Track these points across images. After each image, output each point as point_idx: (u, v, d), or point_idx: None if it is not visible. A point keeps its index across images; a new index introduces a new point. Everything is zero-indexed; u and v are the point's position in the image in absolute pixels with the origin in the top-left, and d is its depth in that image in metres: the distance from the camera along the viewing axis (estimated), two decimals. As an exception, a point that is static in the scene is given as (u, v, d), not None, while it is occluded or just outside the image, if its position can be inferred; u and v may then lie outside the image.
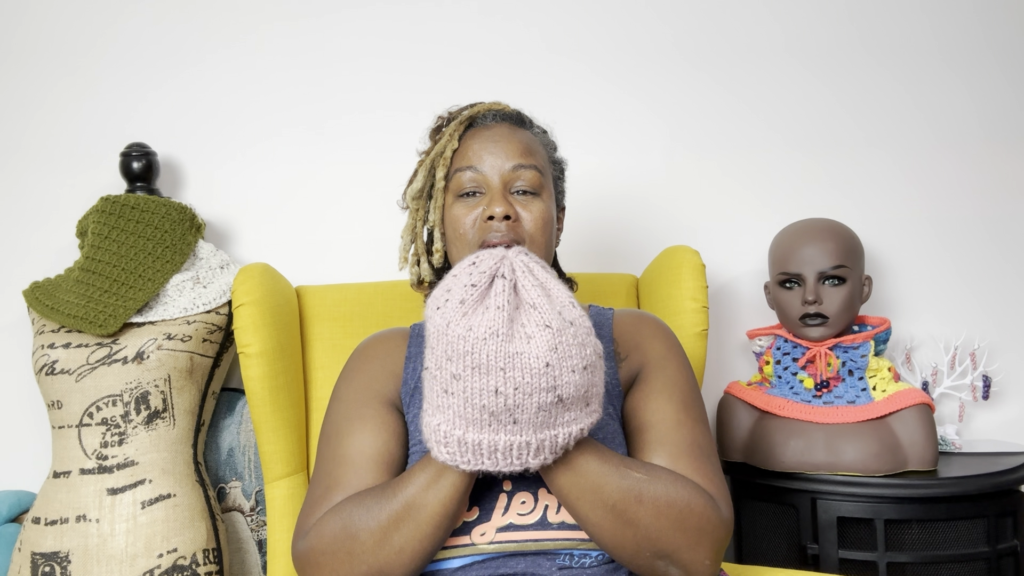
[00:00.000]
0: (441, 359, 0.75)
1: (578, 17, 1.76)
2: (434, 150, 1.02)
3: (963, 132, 1.79)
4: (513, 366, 0.72)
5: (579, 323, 0.76)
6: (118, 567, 1.29)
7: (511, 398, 0.73)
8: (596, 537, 0.82)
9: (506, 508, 0.87)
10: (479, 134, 1.01)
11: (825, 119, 1.78)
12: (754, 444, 1.48)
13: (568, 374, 0.74)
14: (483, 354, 0.72)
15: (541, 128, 1.09)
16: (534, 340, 0.73)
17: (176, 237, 1.48)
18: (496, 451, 0.75)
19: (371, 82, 1.72)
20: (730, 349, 1.75)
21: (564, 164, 1.10)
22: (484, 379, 0.73)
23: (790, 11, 1.78)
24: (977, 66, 1.79)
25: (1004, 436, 1.73)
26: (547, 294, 0.76)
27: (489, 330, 0.73)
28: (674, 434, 0.89)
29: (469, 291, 0.75)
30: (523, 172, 0.98)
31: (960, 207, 1.78)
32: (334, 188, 1.71)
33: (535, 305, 0.75)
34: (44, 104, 1.69)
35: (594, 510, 0.80)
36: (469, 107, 1.06)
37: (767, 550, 1.49)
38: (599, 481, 0.80)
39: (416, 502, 0.81)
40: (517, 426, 0.74)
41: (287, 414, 1.25)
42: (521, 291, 0.76)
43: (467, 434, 0.75)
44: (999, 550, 1.38)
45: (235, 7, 1.72)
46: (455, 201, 0.99)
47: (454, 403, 0.75)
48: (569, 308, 0.76)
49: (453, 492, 0.80)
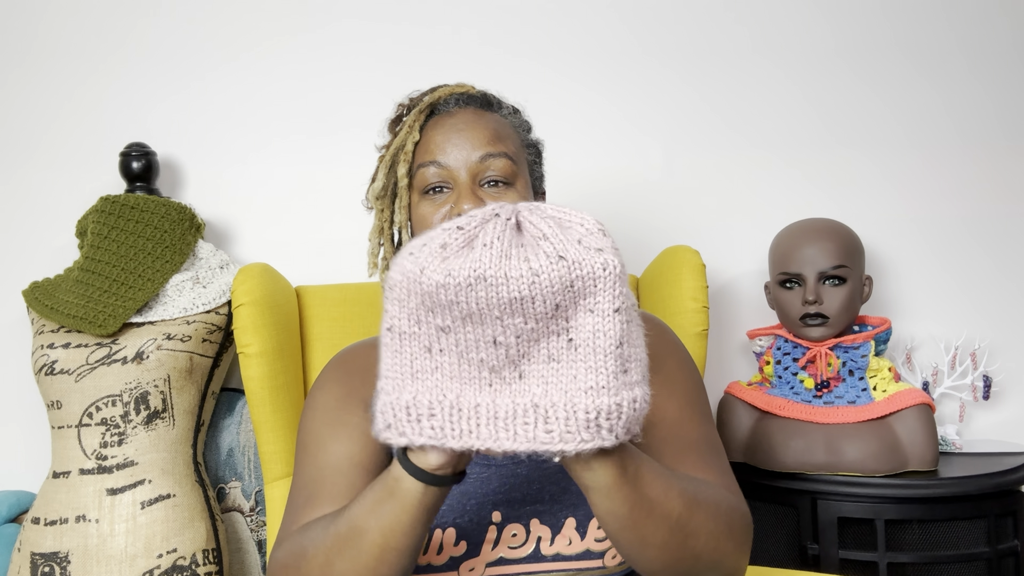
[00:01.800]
0: (419, 312, 0.60)
1: (578, 17, 1.76)
2: (394, 144, 0.93)
3: (964, 132, 1.79)
4: (512, 311, 0.58)
5: (609, 250, 0.59)
6: (118, 567, 1.28)
7: (514, 348, 0.59)
8: (651, 564, 0.68)
9: (496, 541, 0.81)
10: (442, 123, 0.91)
11: (826, 119, 1.78)
12: (754, 444, 1.48)
13: (584, 315, 0.59)
14: (471, 301, 0.58)
15: (511, 108, 0.98)
16: (542, 276, 0.57)
17: (176, 237, 1.48)
18: (496, 417, 0.60)
19: (371, 82, 1.72)
20: (730, 349, 1.75)
21: (541, 145, 1.00)
22: (479, 329, 0.59)
23: (790, 10, 1.78)
24: (980, 67, 1.79)
25: (1004, 436, 1.72)
26: (560, 224, 0.60)
27: (474, 272, 0.57)
28: (679, 431, 0.83)
29: (454, 234, 0.60)
30: (493, 161, 0.88)
31: (961, 207, 1.78)
32: (334, 188, 1.71)
33: (544, 236, 0.59)
34: (44, 104, 1.69)
35: (659, 529, 0.66)
36: (430, 92, 0.96)
37: (767, 550, 1.49)
38: (662, 489, 0.66)
39: (359, 525, 0.68)
40: (524, 383, 0.60)
41: (287, 414, 1.25)
42: (526, 226, 0.61)
43: (462, 397, 0.60)
44: (999, 550, 1.38)
45: (237, 12, 1.72)
46: (421, 199, 0.90)
47: (444, 361, 0.61)
48: (596, 236, 0.60)
49: (394, 520, 0.66)
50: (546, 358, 0.60)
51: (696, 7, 1.78)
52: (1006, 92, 1.79)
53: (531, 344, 0.59)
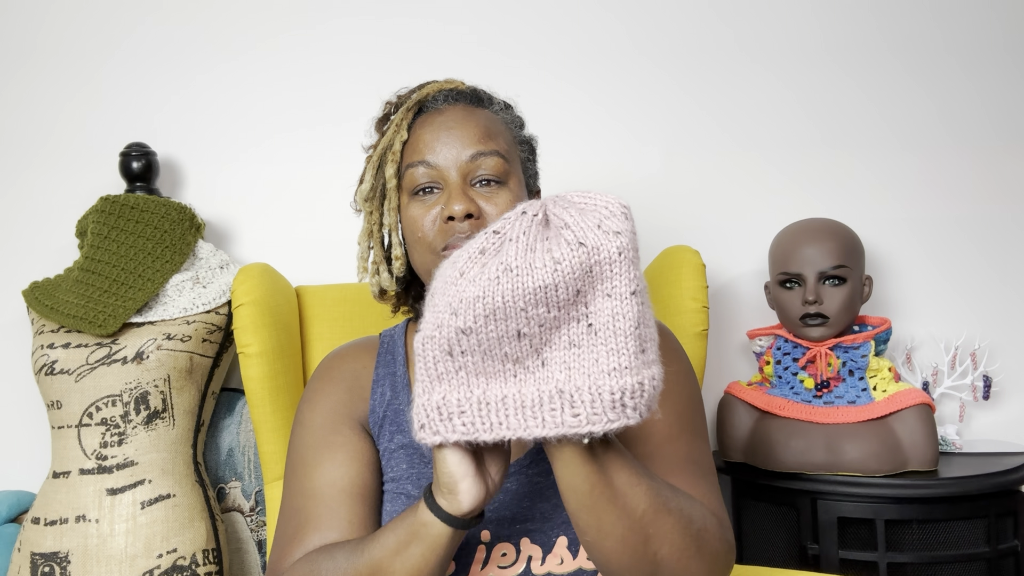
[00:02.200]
0: (444, 315, 0.62)
1: (578, 17, 1.76)
2: (381, 143, 0.91)
3: (964, 132, 1.79)
4: (536, 301, 0.60)
5: (626, 234, 0.61)
6: (118, 567, 1.28)
7: (538, 337, 0.61)
8: (608, 560, 0.68)
9: (485, 561, 0.79)
10: (431, 120, 0.88)
11: (826, 119, 1.78)
12: (754, 444, 1.48)
13: (603, 300, 0.60)
14: (496, 296, 0.60)
15: (503, 103, 0.95)
16: (563, 264, 0.59)
17: (176, 237, 1.48)
18: (523, 407, 0.61)
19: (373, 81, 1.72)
20: (730, 349, 1.75)
21: (534, 142, 0.97)
22: (503, 325, 0.60)
23: (791, 10, 1.78)
24: (981, 66, 1.79)
25: (1004, 436, 1.72)
26: (583, 211, 0.62)
27: (502, 266, 0.60)
28: (666, 447, 0.80)
29: (491, 239, 0.63)
30: (484, 160, 0.85)
31: (960, 207, 1.78)
32: (334, 188, 1.70)
33: (566, 224, 0.61)
34: (44, 104, 1.69)
35: (619, 520, 0.66)
36: (418, 89, 0.93)
37: (767, 550, 1.49)
38: (629, 481, 0.66)
39: (383, 567, 0.69)
40: (547, 370, 0.62)
41: (287, 414, 1.25)
42: (551, 218, 0.63)
43: (488, 391, 0.62)
44: (999, 550, 1.38)
45: (237, 12, 1.72)
46: (410, 200, 0.87)
47: (467, 362, 0.62)
48: (618, 219, 0.61)
49: (422, 562, 0.68)
50: (567, 344, 0.61)
51: (696, 7, 1.77)
52: (1005, 92, 1.79)
53: (552, 332, 0.61)
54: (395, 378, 0.92)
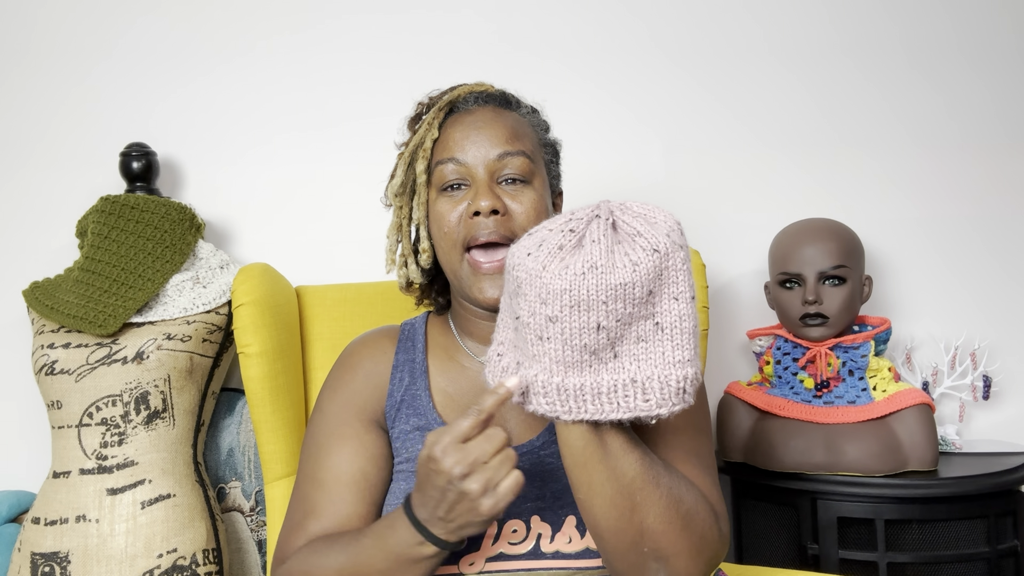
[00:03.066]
0: (535, 304, 0.70)
1: (579, 17, 1.76)
2: (413, 141, 0.95)
3: (964, 132, 1.79)
4: (616, 297, 0.68)
5: (686, 246, 0.72)
6: (118, 567, 1.28)
7: (614, 331, 0.69)
8: (597, 520, 0.74)
9: (496, 536, 0.83)
10: (461, 120, 0.93)
11: (826, 119, 1.78)
12: (754, 444, 1.48)
13: (669, 302, 0.70)
14: (583, 289, 0.68)
15: (530, 107, 1.00)
16: (640, 266, 0.69)
17: (176, 237, 1.48)
18: (599, 393, 0.70)
19: (372, 82, 1.72)
20: (730, 349, 1.75)
21: (558, 145, 1.02)
22: (584, 316, 0.69)
23: (791, 10, 1.78)
24: (982, 67, 1.79)
25: (1004, 436, 1.72)
26: (649, 222, 0.72)
27: (587, 263, 0.69)
28: (671, 439, 0.84)
29: (567, 236, 0.72)
30: (510, 160, 0.90)
31: (961, 207, 1.78)
32: (334, 188, 1.71)
33: (639, 232, 0.70)
34: (44, 104, 1.69)
35: (608, 482, 0.72)
36: (449, 91, 0.98)
37: (767, 550, 1.49)
38: (623, 447, 0.73)
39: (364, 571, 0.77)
40: (618, 361, 0.71)
41: (287, 414, 1.25)
42: (620, 225, 0.72)
43: (567, 379, 0.71)
44: (999, 550, 1.38)
45: (236, 11, 1.72)
46: (439, 196, 0.91)
47: (551, 348, 0.70)
48: (679, 232, 0.72)
49: None
50: (636, 339, 0.71)
51: (696, 8, 1.77)
52: (1007, 91, 1.79)
53: (625, 327, 0.70)
54: (414, 364, 0.96)
